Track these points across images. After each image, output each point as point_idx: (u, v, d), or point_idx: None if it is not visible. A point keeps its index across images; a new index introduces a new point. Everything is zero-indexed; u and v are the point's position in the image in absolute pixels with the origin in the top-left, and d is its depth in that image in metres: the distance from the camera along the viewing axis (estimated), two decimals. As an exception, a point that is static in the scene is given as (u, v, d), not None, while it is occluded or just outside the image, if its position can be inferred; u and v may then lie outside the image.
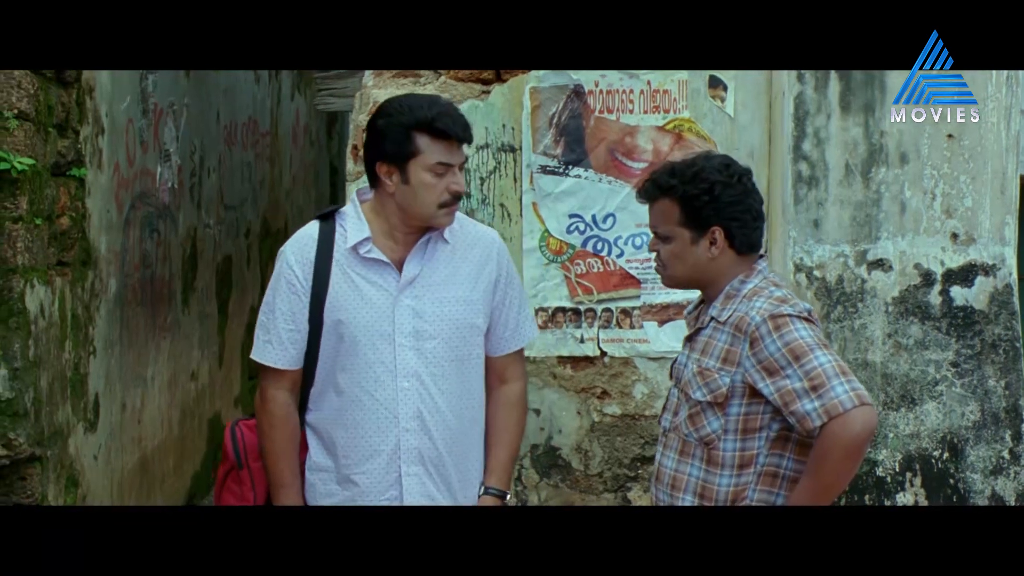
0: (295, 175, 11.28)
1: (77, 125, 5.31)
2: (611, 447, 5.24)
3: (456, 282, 3.52)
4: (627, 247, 5.17)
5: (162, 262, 6.93)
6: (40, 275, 4.88)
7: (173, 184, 7.11)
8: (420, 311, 3.47)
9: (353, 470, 3.50)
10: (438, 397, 3.48)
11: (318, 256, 3.52)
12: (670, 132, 5.16)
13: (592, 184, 5.16)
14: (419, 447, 3.48)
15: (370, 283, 3.48)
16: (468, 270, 3.53)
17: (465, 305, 3.51)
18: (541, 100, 5.16)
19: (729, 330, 3.27)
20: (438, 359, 3.48)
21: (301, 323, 3.51)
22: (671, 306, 5.18)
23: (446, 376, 3.49)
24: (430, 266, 3.50)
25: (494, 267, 3.57)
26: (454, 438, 3.51)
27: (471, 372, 3.55)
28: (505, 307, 3.60)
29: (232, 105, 8.70)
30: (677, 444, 3.39)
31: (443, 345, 3.48)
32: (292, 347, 3.53)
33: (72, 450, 5.25)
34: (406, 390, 3.47)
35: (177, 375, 7.27)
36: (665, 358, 5.20)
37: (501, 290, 3.58)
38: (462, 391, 3.52)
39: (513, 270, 3.65)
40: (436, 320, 3.48)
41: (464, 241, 3.56)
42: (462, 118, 3.47)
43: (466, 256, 3.55)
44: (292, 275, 3.52)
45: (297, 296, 3.51)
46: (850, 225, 4.86)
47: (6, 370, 4.64)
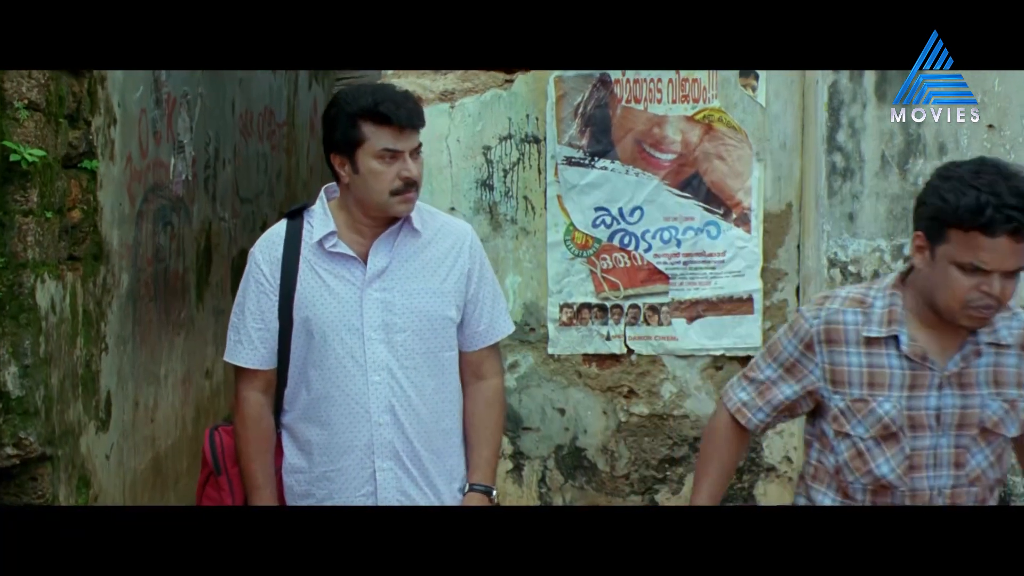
0: (312, 166, 11.32)
1: (89, 116, 5.35)
2: (638, 448, 5.27)
3: (426, 274, 3.57)
4: (655, 241, 5.19)
5: (176, 256, 6.98)
6: (51, 270, 4.93)
7: (187, 176, 7.16)
8: (389, 303, 3.54)
9: (327, 467, 3.57)
10: (410, 390, 3.54)
11: (285, 253, 3.60)
12: (699, 122, 5.17)
13: (619, 176, 5.18)
14: (392, 441, 3.54)
15: (337, 277, 3.55)
16: (439, 262, 3.59)
17: (436, 297, 3.57)
18: (566, 89, 5.18)
19: (1017, 350, 3.16)
20: (409, 352, 3.54)
21: (270, 322, 3.60)
22: (700, 302, 5.20)
23: (418, 369, 3.55)
24: (399, 258, 3.56)
25: (466, 259, 3.62)
26: (428, 432, 3.57)
27: (445, 366, 3.61)
28: (479, 301, 3.65)
29: (248, 95, 8.74)
30: (973, 499, 3.19)
31: (414, 337, 3.54)
32: (262, 346, 3.61)
33: (84, 450, 5.30)
34: (377, 384, 3.53)
35: (191, 372, 7.31)
36: (694, 356, 5.21)
37: (474, 283, 3.63)
38: (436, 385, 3.58)
39: (487, 264, 3.70)
40: (406, 312, 3.54)
41: (435, 233, 3.62)
42: (409, 103, 3.51)
43: (437, 248, 3.60)
44: (260, 274, 3.61)
45: (265, 295, 3.60)
46: (886, 219, 4.87)
47: (16, 367, 4.68)
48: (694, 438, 5.24)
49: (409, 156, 3.48)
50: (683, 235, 5.20)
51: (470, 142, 5.24)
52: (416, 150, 3.50)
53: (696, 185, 5.19)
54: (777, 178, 5.20)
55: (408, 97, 3.54)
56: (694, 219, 5.20)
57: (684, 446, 5.26)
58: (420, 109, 3.53)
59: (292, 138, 10.39)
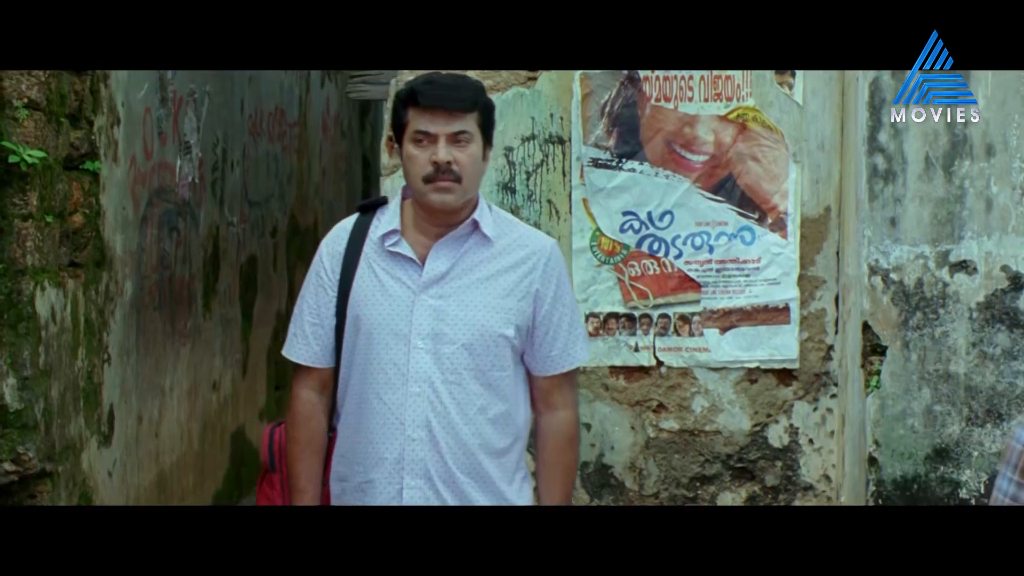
0: (325, 169, 11.32)
1: (91, 115, 5.35)
2: (668, 465, 5.25)
3: (489, 286, 3.49)
4: (686, 247, 5.17)
5: (182, 263, 6.98)
6: (51, 277, 4.92)
7: (194, 178, 7.16)
8: (442, 312, 3.47)
9: (362, 478, 3.53)
10: (451, 407, 3.46)
11: (348, 248, 3.57)
12: (733, 122, 5.16)
13: (648, 179, 5.16)
14: (424, 459, 3.47)
15: (393, 278, 3.51)
16: (505, 275, 3.51)
17: (493, 312, 3.48)
18: (592, 87, 5.17)
19: None
20: (455, 366, 3.47)
21: (326, 318, 3.56)
22: (733, 312, 5.17)
23: (463, 385, 3.47)
24: (464, 265, 3.50)
25: (538, 277, 3.52)
26: (468, 454, 3.48)
27: (497, 386, 3.51)
28: (551, 324, 3.55)
29: (257, 93, 8.74)
30: None
31: (462, 351, 3.46)
32: (315, 343, 3.58)
33: (85, 465, 5.29)
34: (416, 395, 3.47)
35: (197, 385, 7.31)
36: (727, 368, 5.19)
37: (546, 305, 3.53)
38: (483, 405, 3.49)
39: (565, 285, 3.60)
40: (458, 324, 3.46)
41: (510, 244, 3.54)
42: (450, 87, 3.45)
43: (507, 260, 3.52)
44: (321, 267, 3.59)
45: (323, 289, 3.57)
46: (931, 223, 4.83)
47: (15, 379, 4.67)
48: (727, 455, 5.22)
49: (446, 141, 3.41)
50: (716, 241, 5.18)
51: (491, 143, 5.21)
52: (457, 136, 3.41)
53: (729, 188, 5.17)
54: (815, 181, 5.17)
55: (453, 80, 3.50)
56: (727, 224, 5.18)
57: (716, 464, 5.24)
58: (465, 93, 3.45)
59: (304, 139, 10.39)
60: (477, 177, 3.48)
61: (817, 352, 5.22)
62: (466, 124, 3.43)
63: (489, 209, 3.56)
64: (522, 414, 3.58)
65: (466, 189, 3.44)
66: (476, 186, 3.49)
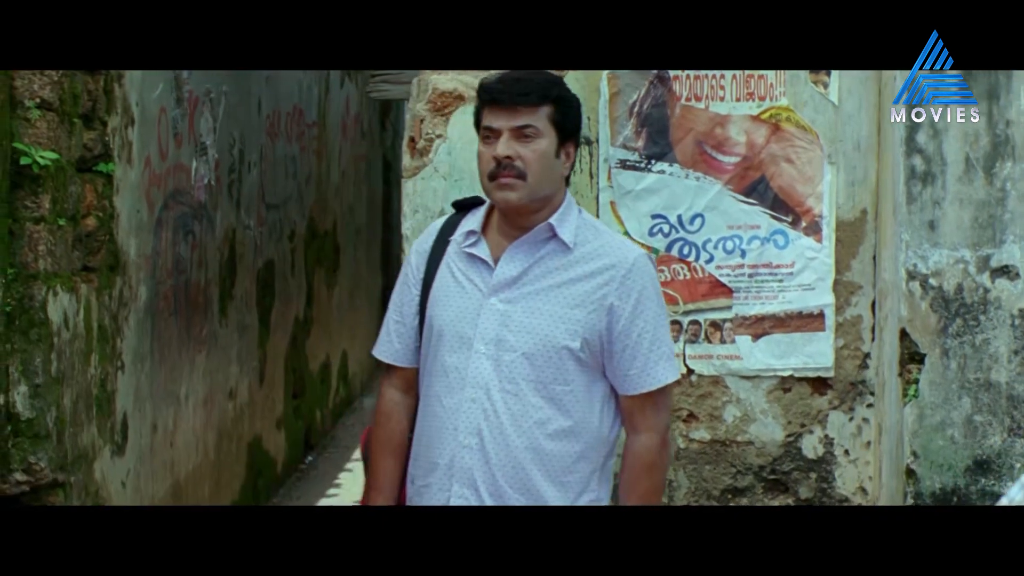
0: (345, 170, 11.34)
1: (105, 115, 5.35)
2: (698, 477, 5.23)
3: (559, 295, 3.44)
4: (717, 251, 5.15)
5: (197, 267, 6.99)
6: (64, 282, 4.93)
7: (210, 181, 7.17)
8: (508, 318, 3.44)
9: (421, 482, 3.54)
10: (505, 418, 3.42)
11: (434, 247, 3.59)
12: (766, 122, 5.14)
13: (678, 180, 5.15)
14: (472, 468, 3.45)
15: (468, 280, 3.50)
16: (578, 284, 3.45)
17: (558, 322, 3.42)
18: (620, 87, 5.15)
19: None
20: (513, 375, 3.42)
21: (408, 316, 3.60)
22: (766, 318, 5.15)
23: (520, 397, 3.42)
24: (538, 271, 3.46)
25: (614, 290, 3.43)
26: (519, 470, 3.43)
27: (560, 400, 3.44)
28: (629, 340, 3.45)
29: (275, 93, 8.76)
30: None
31: (523, 361, 3.42)
32: (398, 341, 3.62)
33: (98, 476, 5.29)
34: (470, 401, 3.44)
35: (214, 393, 7.32)
36: (760, 377, 5.17)
37: (623, 319, 3.44)
38: (543, 419, 3.42)
39: (649, 300, 3.48)
40: (521, 331, 3.42)
41: (590, 253, 3.48)
42: (515, 81, 3.43)
43: (583, 269, 3.46)
44: (408, 265, 3.64)
45: (408, 287, 3.61)
46: (971, 227, 4.81)
47: (26, 387, 4.68)
48: (759, 467, 5.20)
49: (510, 136, 3.39)
50: (748, 245, 5.16)
51: (516, 144, 5.20)
52: (521, 130, 3.39)
53: (762, 190, 5.15)
54: (851, 183, 5.15)
55: (521, 74, 3.48)
56: (760, 227, 5.16)
57: (748, 475, 5.21)
58: (529, 87, 3.42)
59: (323, 140, 10.41)
60: (546, 174, 3.42)
61: (853, 360, 5.19)
62: (532, 119, 3.40)
63: (579, 213, 3.53)
64: (597, 432, 3.49)
65: (532, 187, 3.40)
66: (547, 184, 3.43)
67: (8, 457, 4.65)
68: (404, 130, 5.31)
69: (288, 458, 9.16)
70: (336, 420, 11.06)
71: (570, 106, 3.50)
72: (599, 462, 3.51)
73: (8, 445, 4.65)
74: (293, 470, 9.28)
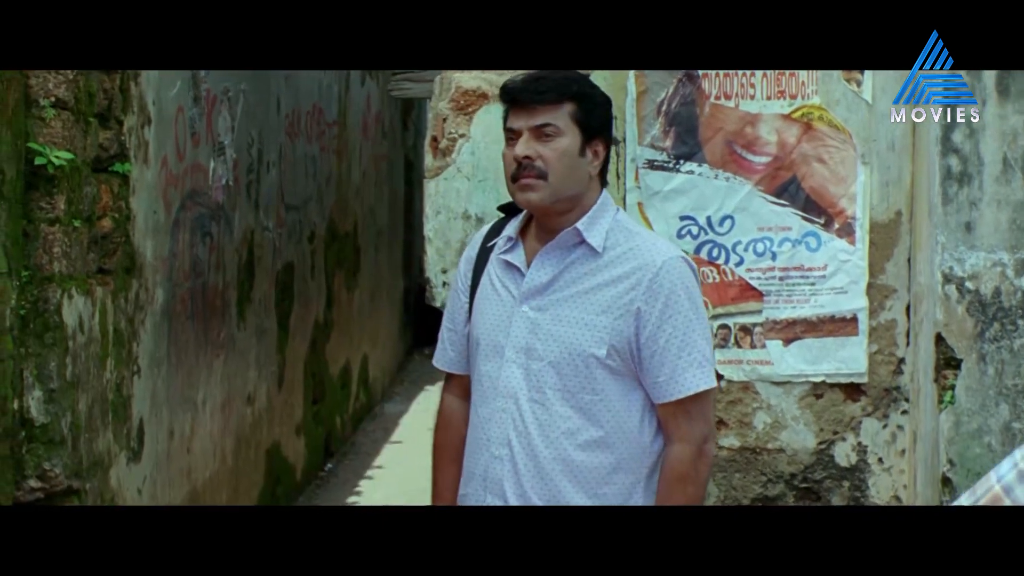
0: (365, 170, 11.35)
1: (121, 115, 5.36)
2: (728, 485, 5.21)
3: (585, 301, 3.41)
4: (747, 254, 5.13)
5: (215, 270, 6.99)
6: (79, 284, 4.94)
7: (228, 181, 7.18)
8: (537, 325, 3.42)
9: (462, 491, 3.58)
10: (532, 427, 3.41)
11: (479, 254, 3.60)
12: (797, 121, 5.12)
13: (707, 181, 5.13)
14: (502, 479, 3.45)
15: (504, 286, 3.50)
16: (606, 290, 3.42)
17: (584, 329, 3.40)
18: (648, 85, 5.13)
19: None
20: (541, 384, 3.41)
21: (459, 323, 3.63)
22: (798, 322, 5.13)
23: (547, 406, 3.41)
24: (569, 277, 3.43)
25: (641, 294, 3.38)
26: (547, 481, 3.41)
27: (592, 411, 3.41)
28: (657, 346, 3.39)
29: (295, 91, 8.77)
30: None
31: (550, 370, 3.40)
32: (451, 348, 3.67)
33: (114, 483, 5.30)
34: (501, 411, 3.44)
35: (232, 398, 7.32)
36: (791, 382, 5.15)
37: (651, 325, 3.39)
38: (571, 429, 3.40)
39: (678, 304, 3.41)
40: (549, 339, 3.41)
41: (619, 255, 3.44)
42: (533, 79, 3.43)
43: (611, 273, 3.43)
44: (458, 272, 3.67)
45: (458, 294, 3.64)
46: (1009, 229, 4.78)
47: (41, 392, 4.69)
48: (790, 475, 5.18)
49: (530, 136, 3.38)
50: (779, 247, 5.14)
51: (541, 143, 5.19)
52: (541, 129, 3.38)
53: (794, 191, 5.13)
54: (885, 183, 5.13)
55: (540, 73, 3.47)
56: (791, 229, 5.14)
57: (779, 483, 5.20)
58: (547, 85, 3.41)
59: (343, 139, 10.42)
60: (570, 173, 3.40)
61: (887, 365, 5.17)
62: (552, 117, 3.38)
63: (615, 214, 3.50)
64: (637, 443, 3.45)
65: (555, 186, 3.38)
66: (572, 184, 3.41)
67: (22, 463, 4.66)
68: (426, 129, 5.31)
69: (307, 465, 9.17)
70: (356, 426, 11.07)
71: (595, 103, 3.50)
72: (642, 473, 3.46)
73: (22, 451, 4.66)
74: (313, 477, 9.29)
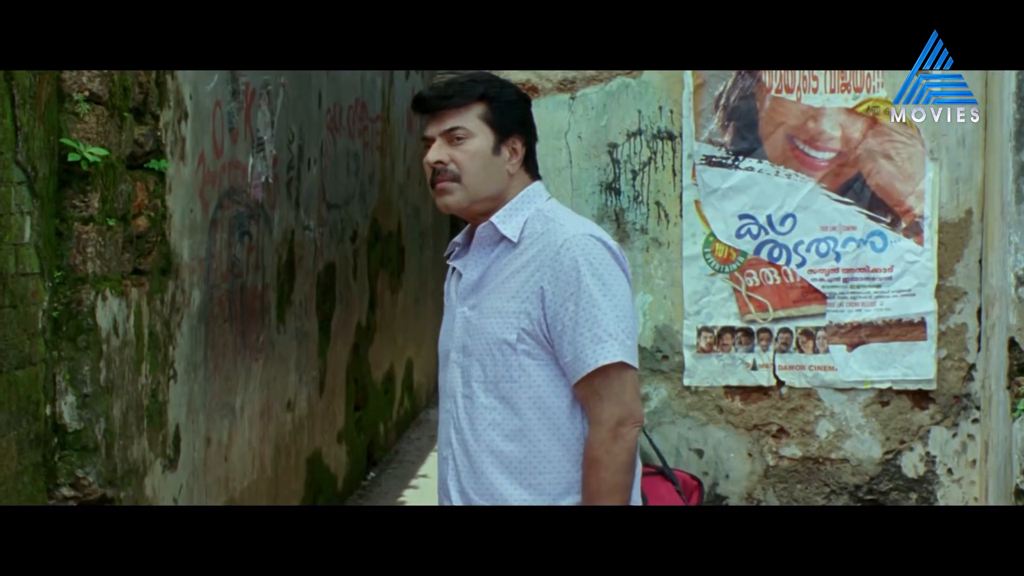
0: (410, 167, 11.37)
1: (156, 109, 5.40)
2: (789, 496, 5.21)
3: (501, 291, 3.53)
4: (809, 254, 5.13)
5: (254, 271, 7.03)
6: (113, 285, 4.98)
7: (267, 178, 7.22)
8: (469, 323, 3.56)
9: None
10: (464, 423, 3.53)
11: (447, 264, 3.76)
12: (862, 115, 5.11)
13: (767, 178, 5.13)
14: (447, 479, 3.58)
15: (454, 291, 3.65)
16: (516, 276, 3.52)
17: (499, 317, 3.50)
18: (706, 78, 5.14)
19: None
20: (469, 379, 3.53)
21: None
22: (863, 326, 5.12)
23: (473, 399, 3.52)
24: (493, 271, 3.56)
25: (545, 274, 3.45)
26: (478, 475, 3.50)
27: (512, 399, 3.48)
28: (561, 325, 3.45)
29: (336, 85, 8.80)
30: None
31: (476, 364, 3.52)
32: None
33: (149, 491, 5.34)
34: (445, 412, 3.59)
35: (271, 404, 7.36)
36: (855, 389, 5.14)
37: (553, 304, 3.45)
38: (495, 420, 3.49)
39: (580, 279, 3.43)
40: (476, 334, 3.53)
41: (530, 241, 3.54)
42: (437, 86, 3.57)
43: (522, 260, 3.53)
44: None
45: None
46: (1086, 228, 4.76)
47: (74, 396, 4.73)
48: (855, 486, 5.17)
49: (443, 142, 3.52)
50: (843, 248, 5.13)
51: (593, 139, 5.21)
52: (451, 133, 3.51)
53: (858, 189, 5.12)
54: (955, 180, 5.11)
55: (447, 78, 3.60)
56: (856, 229, 5.13)
57: (843, 495, 5.19)
58: (451, 89, 3.53)
59: (387, 135, 10.44)
60: (485, 174, 3.52)
61: (957, 372, 5.16)
62: (461, 120, 3.51)
63: (542, 203, 3.58)
64: (569, 430, 3.49)
65: (469, 188, 3.51)
66: (489, 184, 3.53)
67: (55, 471, 4.71)
68: (474, 124, 5.33)
69: (349, 474, 9.20)
70: (400, 434, 11.10)
71: (504, 102, 3.59)
72: (573, 461, 3.50)
73: (55, 458, 4.71)
74: (355, 487, 9.32)
